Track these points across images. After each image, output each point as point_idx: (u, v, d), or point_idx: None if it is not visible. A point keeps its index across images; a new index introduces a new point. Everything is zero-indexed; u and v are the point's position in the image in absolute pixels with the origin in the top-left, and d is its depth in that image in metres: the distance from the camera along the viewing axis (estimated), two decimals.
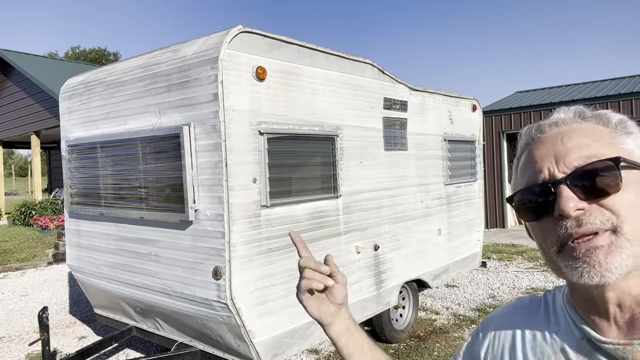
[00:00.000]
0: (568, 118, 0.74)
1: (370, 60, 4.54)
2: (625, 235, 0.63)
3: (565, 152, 0.69)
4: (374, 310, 4.56)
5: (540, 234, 0.72)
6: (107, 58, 50.31)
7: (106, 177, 4.18)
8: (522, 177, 0.75)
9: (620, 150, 0.68)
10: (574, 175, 0.66)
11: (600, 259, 0.63)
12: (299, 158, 3.83)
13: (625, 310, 0.68)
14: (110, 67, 4.27)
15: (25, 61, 15.03)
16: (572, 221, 0.65)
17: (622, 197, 0.64)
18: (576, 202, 0.65)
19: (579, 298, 0.74)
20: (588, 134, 0.70)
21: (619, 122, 0.72)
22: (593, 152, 0.67)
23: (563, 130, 0.72)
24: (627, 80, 13.74)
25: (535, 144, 0.74)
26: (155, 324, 4.13)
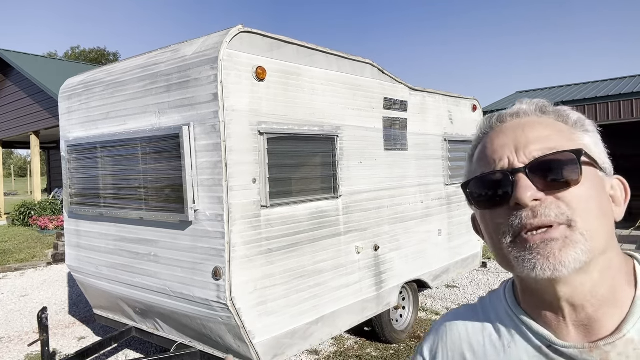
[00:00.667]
0: (529, 110, 0.73)
1: (370, 60, 4.53)
2: (579, 230, 0.62)
3: (526, 141, 0.67)
4: (374, 310, 4.55)
5: (492, 223, 0.69)
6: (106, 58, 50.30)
7: (106, 178, 4.17)
8: (479, 164, 0.73)
9: (580, 145, 0.68)
10: (534, 165, 0.65)
11: (555, 252, 0.62)
12: (299, 158, 3.82)
13: (579, 309, 0.67)
14: (110, 67, 4.26)
15: (25, 61, 15.03)
16: (528, 211, 0.64)
17: (579, 191, 0.64)
18: (534, 192, 0.63)
19: (530, 298, 0.72)
20: (549, 126, 0.70)
21: (577, 120, 0.72)
22: (554, 144, 0.66)
23: (524, 122, 0.71)
24: (627, 80, 13.74)
25: (495, 132, 0.72)
26: (154, 325, 4.12)
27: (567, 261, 0.62)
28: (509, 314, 0.75)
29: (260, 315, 3.40)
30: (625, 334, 0.65)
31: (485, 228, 0.72)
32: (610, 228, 0.67)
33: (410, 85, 5.14)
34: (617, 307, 0.66)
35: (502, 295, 0.79)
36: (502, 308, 0.77)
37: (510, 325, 0.74)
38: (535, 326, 0.71)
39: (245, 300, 3.29)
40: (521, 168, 0.65)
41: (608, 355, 0.64)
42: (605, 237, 0.65)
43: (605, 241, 0.65)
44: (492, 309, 0.79)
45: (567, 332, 0.68)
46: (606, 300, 0.66)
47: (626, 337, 0.65)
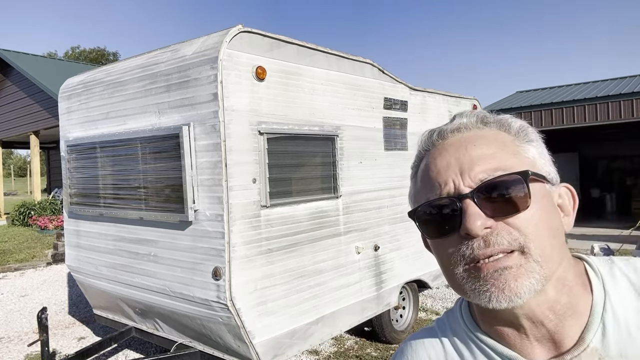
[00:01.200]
0: (470, 123, 0.70)
1: (370, 60, 4.53)
2: (533, 257, 0.60)
3: (471, 162, 0.64)
4: (374, 310, 4.55)
5: (443, 251, 0.66)
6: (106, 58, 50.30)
7: (105, 178, 4.17)
8: (424, 188, 0.69)
9: (524, 160, 0.66)
10: (481, 189, 0.62)
11: (510, 283, 0.60)
12: (299, 158, 3.82)
13: (539, 325, 0.65)
14: (110, 67, 4.26)
15: (25, 61, 15.02)
16: (479, 241, 0.61)
17: (529, 214, 0.61)
18: (484, 220, 0.60)
19: (489, 317, 0.69)
20: (492, 141, 0.66)
21: (519, 128, 0.69)
22: (499, 163, 0.63)
23: (466, 137, 0.68)
24: (627, 80, 13.74)
25: (437, 150, 0.69)
26: (154, 325, 4.12)
27: (522, 292, 0.60)
28: (468, 334, 0.73)
29: (260, 315, 3.40)
30: (588, 344, 0.64)
31: (438, 255, 0.69)
32: (562, 243, 0.65)
33: (410, 85, 5.14)
34: (578, 317, 0.65)
35: (458, 316, 0.77)
36: (460, 329, 0.75)
37: (470, 347, 0.72)
38: (498, 347, 0.68)
39: (245, 300, 3.29)
40: (468, 194, 0.62)
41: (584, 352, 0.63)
42: (559, 256, 0.63)
43: (560, 260, 0.64)
44: (450, 330, 0.76)
45: (531, 349, 0.66)
46: (565, 312, 0.65)
47: (590, 347, 0.63)
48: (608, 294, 0.66)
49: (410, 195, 0.74)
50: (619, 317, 0.64)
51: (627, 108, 11.33)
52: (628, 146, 16.92)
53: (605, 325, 0.64)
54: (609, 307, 0.65)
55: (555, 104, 12.34)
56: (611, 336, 0.63)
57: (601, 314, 0.64)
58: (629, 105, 11.31)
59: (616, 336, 0.63)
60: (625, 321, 0.64)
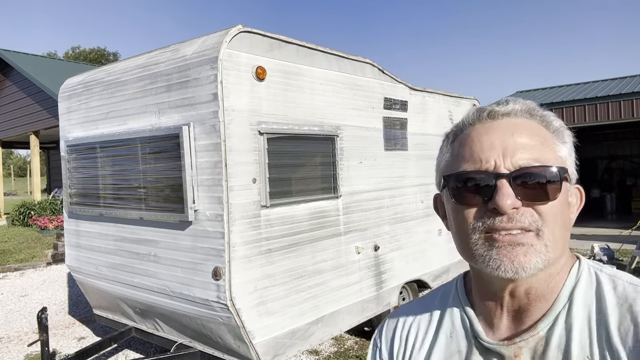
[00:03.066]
0: (520, 110, 0.75)
1: (370, 60, 4.53)
2: (545, 240, 0.67)
3: (514, 148, 0.69)
4: (374, 311, 4.55)
5: (466, 218, 0.71)
6: (106, 58, 50.29)
7: (105, 178, 4.17)
8: (461, 157, 0.74)
9: (558, 158, 0.72)
10: (518, 174, 0.68)
11: (520, 257, 0.66)
12: (299, 158, 3.82)
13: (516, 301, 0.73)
14: (110, 67, 4.26)
15: (25, 61, 15.02)
16: (504, 217, 0.67)
17: (553, 204, 0.68)
18: (513, 201, 0.67)
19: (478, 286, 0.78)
20: (535, 134, 0.72)
21: (558, 128, 0.75)
22: (538, 155, 0.70)
23: (514, 123, 0.73)
24: (627, 80, 13.74)
25: (485, 128, 0.73)
26: (154, 325, 4.12)
27: (528, 267, 0.67)
28: (457, 304, 0.82)
29: (260, 315, 3.40)
30: (538, 332, 0.71)
31: (456, 220, 0.74)
32: (568, 236, 0.72)
33: (410, 85, 5.13)
34: (546, 302, 0.73)
35: (454, 286, 0.86)
36: (452, 298, 0.84)
37: (456, 316, 0.81)
38: (473, 319, 0.78)
39: (245, 301, 3.29)
40: (505, 174, 0.68)
41: (521, 350, 0.71)
42: (563, 247, 0.71)
43: (562, 250, 0.71)
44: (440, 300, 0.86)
45: (499, 321, 0.75)
46: (541, 295, 0.73)
47: (539, 334, 0.71)
48: (574, 294, 0.72)
49: (443, 161, 0.80)
50: (572, 317, 0.71)
51: (627, 108, 11.33)
52: (628, 146, 16.93)
53: (557, 320, 0.71)
54: (567, 306, 0.72)
55: (555, 104, 12.33)
56: (558, 331, 0.70)
57: (560, 309, 0.72)
58: (629, 105, 11.31)
59: (561, 332, 0.70)
60: (573, 323, 0.70)
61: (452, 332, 0.80)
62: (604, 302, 0.71)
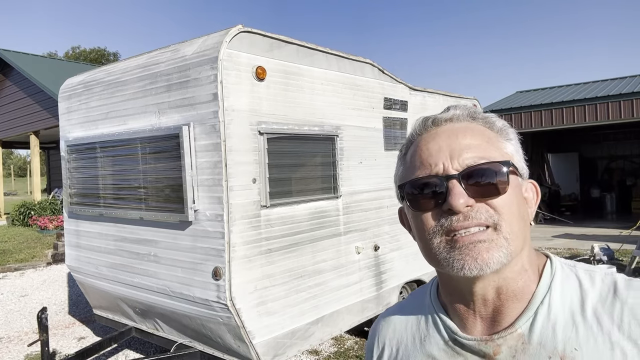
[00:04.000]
0: (462, 115, 0.77)
1: (370, 60, 4.53)
2: (504, 233, 0.68)
3: (460, 149, 0.72)
4: (374, 311, 4.55)
5: (425, 223, 0.73)
6: (107, 58, 50.29)
7: (105, 178, 4.17)
8: (412, 166, 0.76)
9: (504, 154, 0.74)
10: (467, 172, 0.70)
11: (483, 253, 0.68)
12: (299, 158, 3.82)
13: (488, 303, 0.73)
14: (110, 67, 4.26)
15: (25, 61, 15.02)
16: (459, 216, 0.69)
17: (505, 198, 0.70)
18: (466, 199, 0.68)
19: (448, 291, 0.78)
20: (479, 134, 0.74)
21: (501, 127, 0.78)
22: (484, 153, 0.72)
23: (457, 127, 0.75)
24: (627, 80, 13.74)
25: (431, 135, 0.76)
26: (154, 325, 4.12)
27: (492, 262, 0.68)
28: (429, 308, 0.83)
29: (260, 315, 3.40)
30: (517, 329, 0.71)
31: (417, 226, 0.76)
32: (527, 229, 0.73)
33: (410, 85, 5.14)
34: (520, 302, 0.73)
35: (427, 290, 0.86)
36: (426, 303, 0.84)
37: (429, 320, 0.82)
38: (446, 320, 0.78)
39: (245, 301, 3.29)
40: (455, 175, 0.70)
41: (500, 348, 0.72)
42: (522, 238, 0.71)
43: (523, 242, 0.72)
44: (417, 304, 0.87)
45: (473, 324, 0.75)
46: (513, 295, 0.73)
47: (517, 332, 0.71)
48: (551, 290, 0.73)
49: (398, 173, 0.82)
50: (552, 313, 0.71)
51: (627, 108, 11.32)
52: (628, 146, 16.92)
53: (537, 317, 0.71)
54: (547, 302, 0.72)
55: (555, 104, 12.33)
56: (538, 327, 0.71)
57: (537, 306, 0.72)
58: (629, 105, 11.31)
59: (542, 329, 0.70)
60: (555, 318, 0.71)
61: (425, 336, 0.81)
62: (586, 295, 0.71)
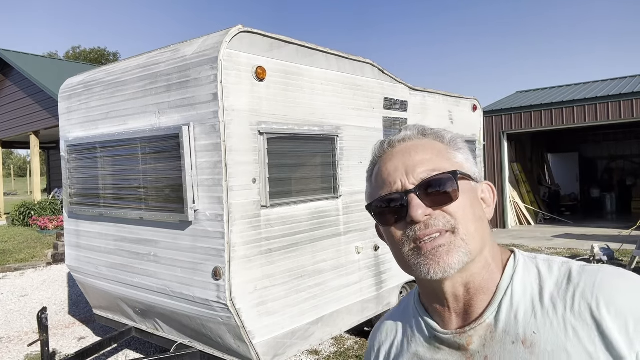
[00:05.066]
0: (413, 134, 0.86)
1: (370, 60, 4.53)
2: (461, 235, 0.76)
3: (414, 165, 0.80)
4: (374, 311, 4.55)
5: (394, 236, 0.81)
6: (107, 58, 50.29)
7: (105, 178, 4.17)
8: (377, 186, 0.85)
9: (454, 164, 0.82)
10: (421, 185, 0.78)
11: (444, 256, 0.75)
12: (299, 158, 3.82)
13: (459, 299, 0.81)
14: (110, 67, 4.26)
15: (25, 61, 15.02)
16: (421, 225, 0.77)
17: (458, 203, 0.77)
18: (424, 210, 0.76)
19: (426, 294, 0.87)
20: (429, 149, 0.83)
21: (450, 139, 0.86)
22: (435, 165, 0.80)
23: (410, 145, 0.84)
24: (627, 80, 13.74)
25: (388, 157, 0.85)
26: (154, 325, 4.12)
27: (453, 263, 0.75)
28: (414, 311, 0.90)
29: (260, 315, 3.40)
30: (485, 320, 0.79)
31: (388, 239, 0.84)
32: (485, 228, 0.81)
33: (410, 85, 5.13)
34: (487, 295, 0.80)
35: (411, 296, 0.94)
36: (410, 307, 0.92)
37: (413, 322, 0.89)
38: (427, 319, 0.86)
39: (245, 301, 3.29)
40: (412, 189, 0.78)
41: (471, 338, 0.79)
42: (481, 237, 0.79)
43: (482, 240, 0.79)
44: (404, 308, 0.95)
45: (450, 320, 0.83)
46: (480, 289, 0.80)
47: (486, 322, 0.79)
48: (513, 282, 0.80)
49: (367, 194, 0.90)
50: (514, 302, 0.78)
51: (627, 108, 11.32)
52: (628, 146, 16.93)
53: (501, 307, 0.78)
54: (509, 292, 0.79)
55: (555, 104, 12.33)
56: (503, 316, 0.78)
57: (501, 297, 0.79)
58: (629, 105, 11.31)
59: (506, 317, 0.78)
60: (517, 306, 0.78)
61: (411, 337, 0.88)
62: (544, 283, 0.78)
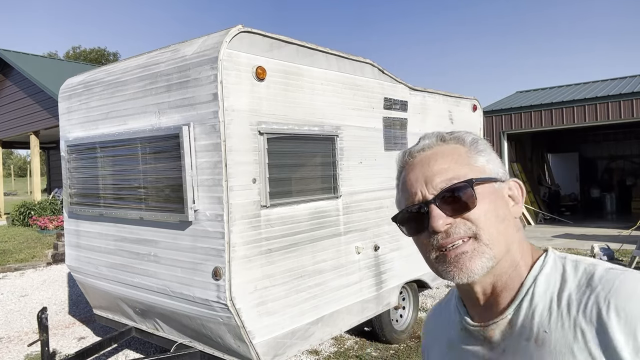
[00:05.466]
0: (432, 142, 0.88)
1: (370, 60, 4.53)
2: (484, 241, 0.79)
3: (432, 175, 0.83)
4: (374, 310, 4.55)
5: (420, 244, 0.85)
6: (107, 58, 50.29)
7: (105, 178, 4.17)
8: (402, 197, 0.88)
9: (474, 168, 0.83)
10: (440, 195, 0.81)
11: (467, 263, 0.79)
12: (299, 158, 3.82)
13: (487, 296, 0.86)
14: (110, 67, 4.26)
15: (25, 61, 15.02)
16: (442, 234, 0.80)
17: (479, 210, 0.79)
18: (444, 219, 0.80)
19: (460, 291, 0.93)
20: (448, 155, 0.84)
21: (471, 141, 0.87)
22: (454, 174, 0.82)
23: (429, 155, 0.86)
24: (627, 80, 13.74)
25: (409, 167, 0.88)
26: (154, 325, 4.12)
27: (476, 269, 0.79)
28: (454, 302, 0.97)
29: (260, 315, 3.40)
30: (506, 316, 0.83)
31: (417, 246, 0.88)
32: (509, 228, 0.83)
33: (410, 85, 5.13)
34: (512, 292, 0.84)
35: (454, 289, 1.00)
36: (453, 297, 0.99)
37: (452, 311, 0.96)
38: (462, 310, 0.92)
39: (245, 301, 3.29)
40: (431, 200, 0.81)
41: (494, 332, 0.84)
42: (505, 238, 0.81)
43: (506, 242, 0.81)
44: (450, 298, 1.01)
45: (479, 313, 0.87)
46: (505, 286, 0.84)
47: (507, 318, 0.83)
48: (536, 281, 0.82)
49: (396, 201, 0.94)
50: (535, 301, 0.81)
51: (627, 108, 11.32)
52: (628, 146, 16.92)
53: (521, 305, 0.82)
54: (531, 291, 0.82)
55: (555, 104, 12.33)
56: (522, 313, 0.81)
57: (523, 295, 0.82)
58: (629, 105, 11.31)
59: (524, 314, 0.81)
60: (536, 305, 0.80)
61: (450, 325, 0.95)
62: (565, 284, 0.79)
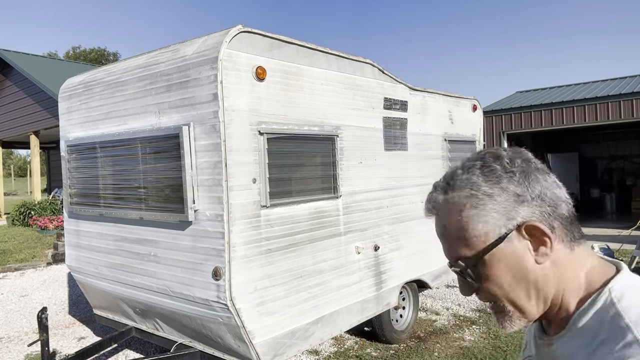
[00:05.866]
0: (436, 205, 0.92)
1: (370, 60, 4.53)
2: (507, 309, 0.84)
3: (448, 253, 0.89)
4: (374, 310, 4.55)
5: None
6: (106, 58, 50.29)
7: (105, 178, 4.17)
8: None
9: (474, 243, 0.83)
10: (460, 272, 0.86)
11: (501, 322, 0.86)
12: (299, 158, 3.82)
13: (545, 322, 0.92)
14: (110, 67, 4.26)
15: (25, 61, 15.02)
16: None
17: (489, 285, 0.83)
18: (468, 289, 0.87)
19: None
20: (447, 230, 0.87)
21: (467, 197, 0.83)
22: (457, 253, 0.86)
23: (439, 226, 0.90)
24: (627, 80, 13.74)
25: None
26: (154, 325, 4.12)
27: (515, 326, 0.86)
28: None
29: (260, 315, 3.40)
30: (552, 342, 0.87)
31: None
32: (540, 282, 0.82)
33: (410, 85, 5.14)
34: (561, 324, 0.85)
35: None
36: None
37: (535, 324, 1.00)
38: (537, 328, 0.96)
39: (245, 301, 3.29)
40: (456, 272, 0.87)
41: (548, 348, 0.89)
42: (536, 298, 0.83)
43: (538, 298, 0.83)
44: None
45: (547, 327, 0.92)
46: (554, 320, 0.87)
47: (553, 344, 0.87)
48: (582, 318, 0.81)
49: None
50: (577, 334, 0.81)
51: (627, 108, 11.32)
52: (628, 146, 16.92)
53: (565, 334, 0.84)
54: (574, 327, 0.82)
55: (555, 104, 12.33)
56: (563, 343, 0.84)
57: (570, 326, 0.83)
58: (629, 105, 11.31)
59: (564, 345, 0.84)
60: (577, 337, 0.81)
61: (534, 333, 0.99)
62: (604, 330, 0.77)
